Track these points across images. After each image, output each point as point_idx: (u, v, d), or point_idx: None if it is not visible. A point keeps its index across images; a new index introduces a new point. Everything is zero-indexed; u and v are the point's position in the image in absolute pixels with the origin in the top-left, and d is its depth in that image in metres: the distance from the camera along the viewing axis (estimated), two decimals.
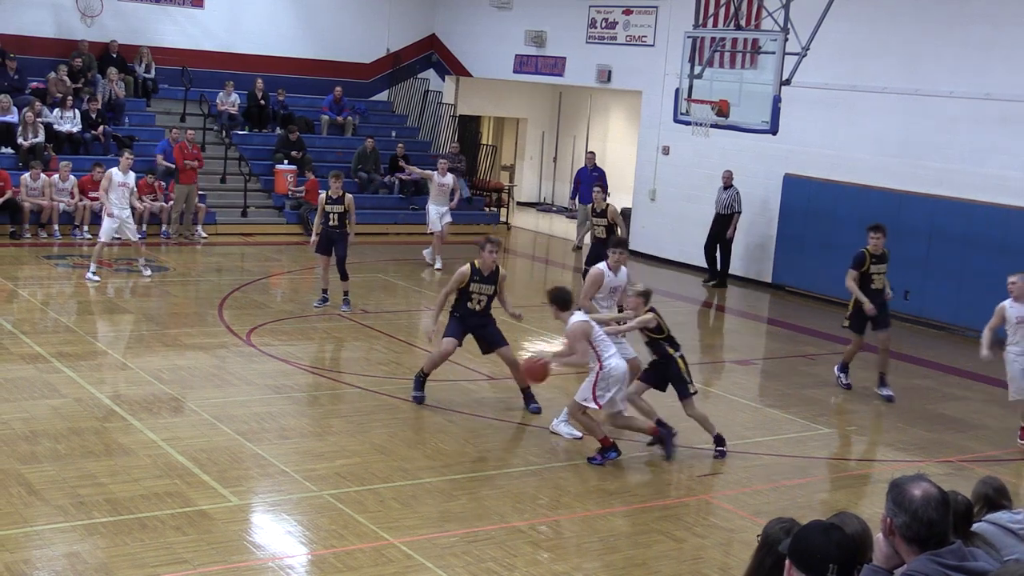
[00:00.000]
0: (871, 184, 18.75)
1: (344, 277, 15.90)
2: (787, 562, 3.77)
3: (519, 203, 29.54)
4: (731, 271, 20.66)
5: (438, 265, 19.61)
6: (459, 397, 12.31)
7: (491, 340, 11.86)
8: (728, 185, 20.27)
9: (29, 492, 8.64)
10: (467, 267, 11.74)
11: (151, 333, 14.33)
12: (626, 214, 23.99)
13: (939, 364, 15.67)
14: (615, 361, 10.10)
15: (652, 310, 10.63)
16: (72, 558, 7.58)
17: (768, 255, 20.52)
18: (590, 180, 22.42)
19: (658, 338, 10.67)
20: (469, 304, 11.73)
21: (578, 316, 10.20)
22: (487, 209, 26.25)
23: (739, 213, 20.26)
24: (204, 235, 21.20)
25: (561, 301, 10.32)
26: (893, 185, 18.43)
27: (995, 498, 5.79)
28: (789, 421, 12.48)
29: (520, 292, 19.09)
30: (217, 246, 20.74)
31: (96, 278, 16.60)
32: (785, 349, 15.78)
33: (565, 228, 26.41)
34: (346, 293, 16.00)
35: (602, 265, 11.95)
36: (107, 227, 16.94)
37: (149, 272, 17.46)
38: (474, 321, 11.80)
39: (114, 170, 17.13)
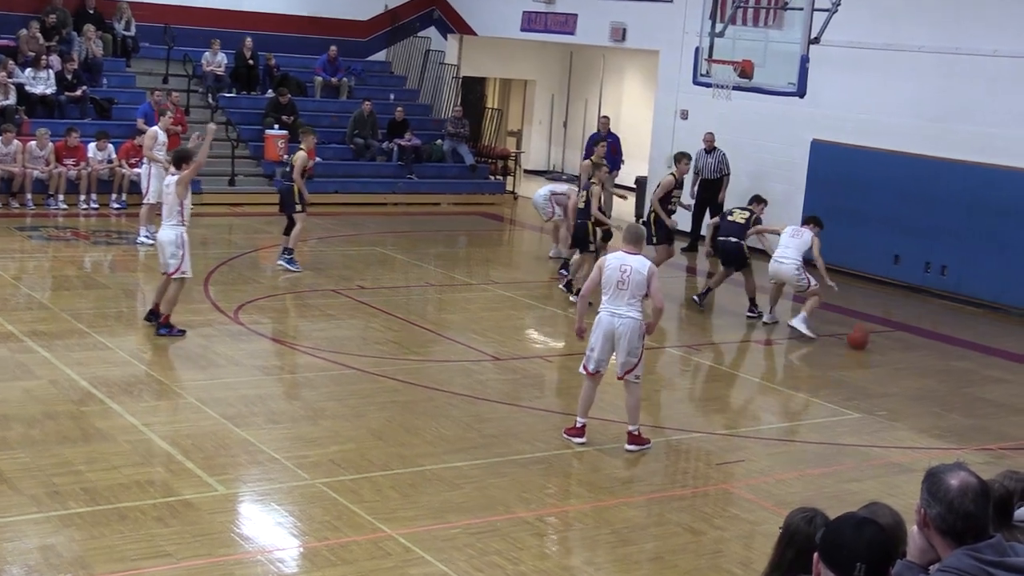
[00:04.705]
0: (906, 151, 18.65)
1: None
2: (815, 556, 3.75)
3: (526, 171, 29.45)
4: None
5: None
6: (462, 379, 12.32)
7: None
8: (711, 148, 20.52)
9: (0, 481, 8.65)
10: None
11: (131, 310, 14.33)
12: (641, 183, 23.96)
13: (979, 344, 15.63)
14: None
15: None
16: (46, 551, 7.59)
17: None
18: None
19: None
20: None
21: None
22: (492, 177, 26.18)
23: (728, 175, 20.57)
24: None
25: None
26: (930, 151, 18.33)
27: None
28: (816, 405, 12.46)
29: (528, 267, 19.10)
30: (202, 217, 20.64)
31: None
32: (812, 329, 15.70)
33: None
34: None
35: None
36: None
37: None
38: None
39: None
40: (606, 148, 21.51)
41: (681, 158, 17.31)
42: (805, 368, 14.30)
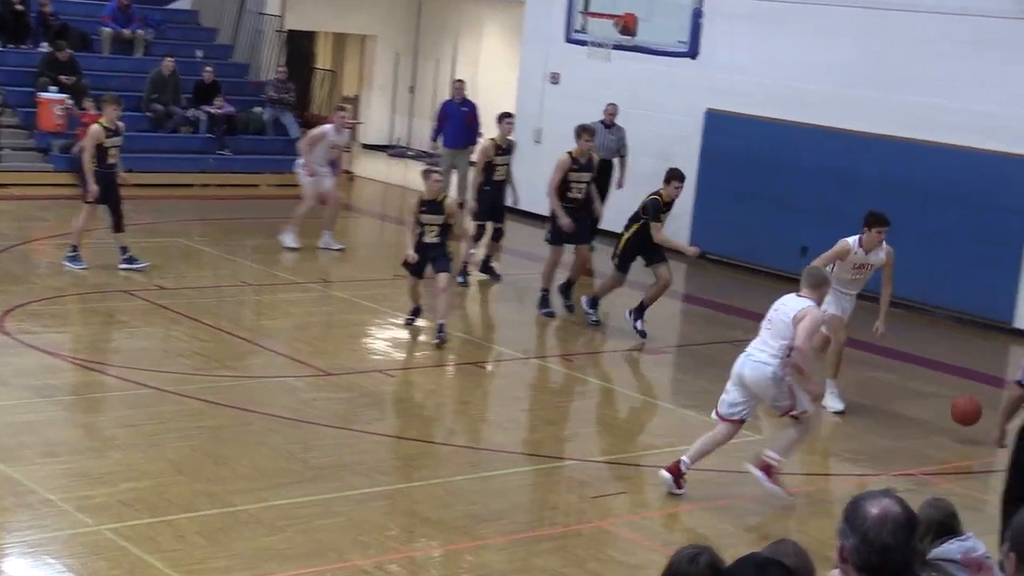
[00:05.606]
0: (819, 123, 18.92)
1: (121, 228, 16.42)
2: None
3: (365, 145, 29.42)
4: None
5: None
6: (284, 398, 12.23)
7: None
8: (611, 123, 20.29)
9: None
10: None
11: None
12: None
13: (903, 353, 15.94)
14: None
15: None
16: None
17: (684, 213, 20.65)
18: (458, 116, 22.41)
19: None
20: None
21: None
22: None
23: (625, 157, 20.21)
24: None
25: None
26: (847, 125, 18.61)
27: (950, 524, 6.15)
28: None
29: (366, 262, 19.04)
30: None
31: None
32: (705, 334, 15.97)
33: None
34: (126, 249, 16.49)
35: None
36: None
37: None
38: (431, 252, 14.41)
39: None
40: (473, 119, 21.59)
41: (582, 132, 16.28)
42: (697, 382, 14.45)
